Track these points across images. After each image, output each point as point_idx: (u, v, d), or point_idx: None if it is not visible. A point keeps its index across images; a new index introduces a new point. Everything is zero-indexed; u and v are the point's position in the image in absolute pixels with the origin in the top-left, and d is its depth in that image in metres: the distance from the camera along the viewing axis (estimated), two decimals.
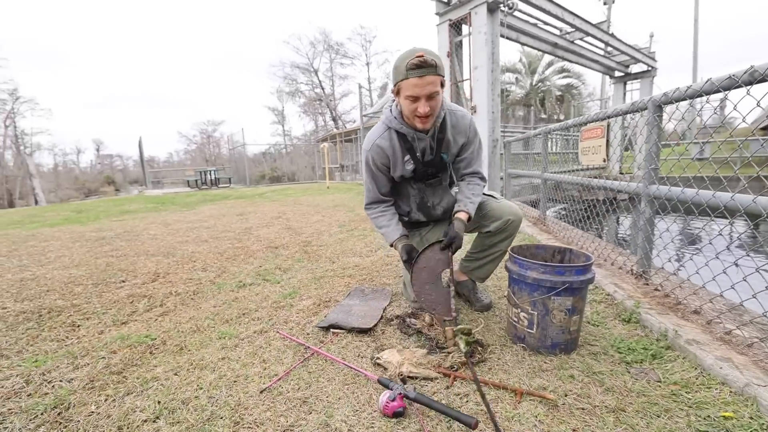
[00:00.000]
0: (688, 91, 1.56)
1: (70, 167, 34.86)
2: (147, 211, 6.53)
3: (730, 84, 1.35)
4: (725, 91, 1.40)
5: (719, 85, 1.39)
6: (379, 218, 1.73)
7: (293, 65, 29.00)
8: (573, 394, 1.14)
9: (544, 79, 21.20)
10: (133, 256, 3.02)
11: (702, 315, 1.54)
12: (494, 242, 1.72)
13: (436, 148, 1.61)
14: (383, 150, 1.59)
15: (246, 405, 1.13)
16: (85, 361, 1.42)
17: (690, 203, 1.59)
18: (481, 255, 1.79)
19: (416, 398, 1.06)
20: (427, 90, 1.35)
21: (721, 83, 1.38)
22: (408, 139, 1.57)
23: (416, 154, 1.60)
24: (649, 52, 9.92)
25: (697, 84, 1.51)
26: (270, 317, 1.79)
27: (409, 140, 1.57)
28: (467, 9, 5.19)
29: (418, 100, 1.38)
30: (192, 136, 39.65)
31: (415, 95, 1.37)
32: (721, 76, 1.40)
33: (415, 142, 1.57)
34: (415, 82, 1.34)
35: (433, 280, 1.55)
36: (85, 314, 1.89)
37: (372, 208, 1.75)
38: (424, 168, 1.65)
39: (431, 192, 1.72)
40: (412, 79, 1.34)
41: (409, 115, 1.46)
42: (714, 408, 1.04)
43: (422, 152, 1.60)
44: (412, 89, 1.36)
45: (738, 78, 1.31)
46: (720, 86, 1.39)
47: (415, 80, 1.34)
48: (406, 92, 1.38)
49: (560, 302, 1.32)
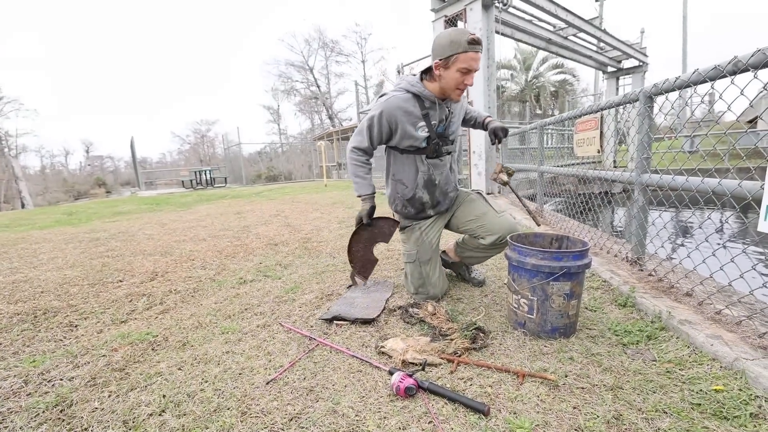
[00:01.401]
0: (677, 82, 1.60)
1: (58, 169, 34.21)
2: (141, 212, 6.47)
3: (715, 74, 1.40)
4: (711, 81, 1.43)
5: (706, 75, 1.43)
6: (359, 167, 1.77)
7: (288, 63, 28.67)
8: (573, 374, 1.17)
9: (539, 75, 21.27)
10: (130, 256, 3.00)
11: (694, 297, 1.58)
12: (487, 249, 1.81)
13: (448, 122, 1.71)
14: (403, 105, 1.61)
15: (252, 396, 1.14)
16: (85, 360, 1.41)
17: (680, 190, 1.62)
18: (474, 251, 1.89)
19: (429, 387, 1.08)
20: (479, 65, 1.54)
21: (707, 73, 1.43)
22: (426, 105, 1.63)
23: (431, 122, 1.65)
24: (640, 47, 10.03)
25: (685, 75, 1.55)
26: (273, 311, 1.79)
27: (427, 106, 1.63)
28: (462, 5, 5.21)
29: (469, 73, 1.52)
30: (185, 136, 39.16)
31: (469, 68, 1.50)
32: (707, 67, 1.44)
33: (433, 109, 1.64)
34: (473, 56, 1.49)
35: (369, 245, 1.96)
36: (82, 314, 1.88)
37: (357, 153, 1.75)
38: (437, 140, 1.69)
39: (438, 170, 1.75)
40: (471, 53, 1.48)
41: (452, 85, 1.55)
42: (706, 383, 1.08)
43: (438, 121, 1.67)
44: (470, 62, 1.49)
45: (723, 68, 1.35)
46: (706, 76, 1.43)
47: (473, 54, 1.49)
48: (462, 64, 1.50)
49: (559, 287, 1.35)
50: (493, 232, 1.72)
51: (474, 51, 1.48)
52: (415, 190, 1.75)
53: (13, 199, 18.35)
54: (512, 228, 1.72)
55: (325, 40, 27.84)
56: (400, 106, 1.60)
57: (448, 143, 1.75)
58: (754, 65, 1.20)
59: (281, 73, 29.34)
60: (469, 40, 1.46)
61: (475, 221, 1.79)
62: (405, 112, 1.61)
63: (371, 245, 1.97)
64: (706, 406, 1.00)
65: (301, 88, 29.61)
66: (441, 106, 1.65)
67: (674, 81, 1.59)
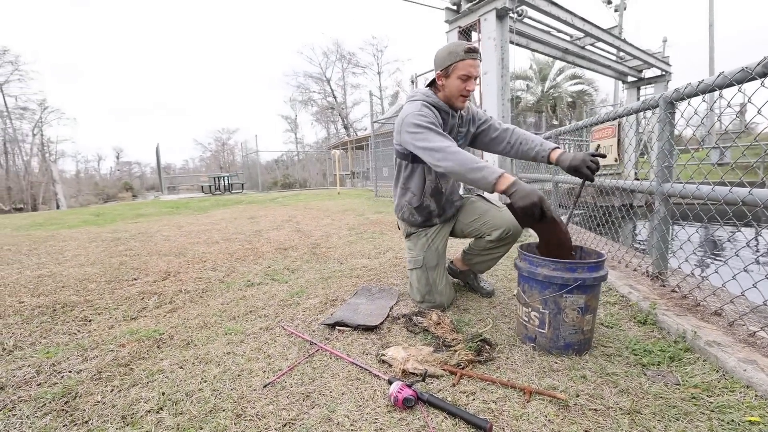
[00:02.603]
0: (700, 86, 1.51)
1: (91, 174, 36.04)
2: (161, 214, 6.67)
3: (743, 77, 1.30)
4: (738, 85, 1.34)
5: (732, 78, 1.34)
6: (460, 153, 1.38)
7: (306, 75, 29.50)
8: (585, 394, 1.10)
9: (556, 85, 21.01)
10: (146, 256, 3.07)
11: (723, 317, 1.47)
12: (493, 247, 1.77)
13: (456, 133, 1.72)
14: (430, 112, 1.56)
15: (249, 398, 1.12)
16: (94, 354, 1.44)
17: (706, 200, 1.53)
18: (481, 253, 1.84)
19: (429, 400, 1.04)
20: (477, 71, 1.58)
21: (734, 76, 1.33)
22: (442, 114, 1.65)
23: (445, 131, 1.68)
24: (662, 56, 9.73)
25: (709, 78, 1.47)
26: (276, 314, 1.78)
27: (442, 117, 1.65)
28: (476, 16, 5.22)
29: (469, 80, 1.56)
30: (207, 144, 40.60)
31: (468, 74, 1.55)
32: (733, 69, 1.35)
33: (448, 117, 1.67)
34: (471, 63, 1.55)
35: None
36: (96, 309, 1.92)
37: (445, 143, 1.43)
38: None
39: (446, 180, 1.76)
40: (468, 60, 1.54)
41: (455, 93, 1.60)
42: (738, 412, 0.99)
43: (450, 129, 1.69)
44: (467, 69, 1.55)
45: (751, 70, 1.26)
46: (733, 79, 1.34)
47: (470, 61, 1.55)
48: (461, 71, 1.55)
49: (573, 300, 1.28)
50: (498, 226, 1.69)
51: (471, 58, 1.54)
52: (422, 198, 1.76)
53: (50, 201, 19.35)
54: (515, 222, 1.65)
55: (342, 53, 28.56)
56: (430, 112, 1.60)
57: None
58: None
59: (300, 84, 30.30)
60: (466, 49, 1.53)
61: (478, 220, 1.77)
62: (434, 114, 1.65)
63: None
64: None
65: (319, 98, 30.34)
66: (454, 117, 1.69)
67: (697, 85, 1.51)
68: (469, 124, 1.77)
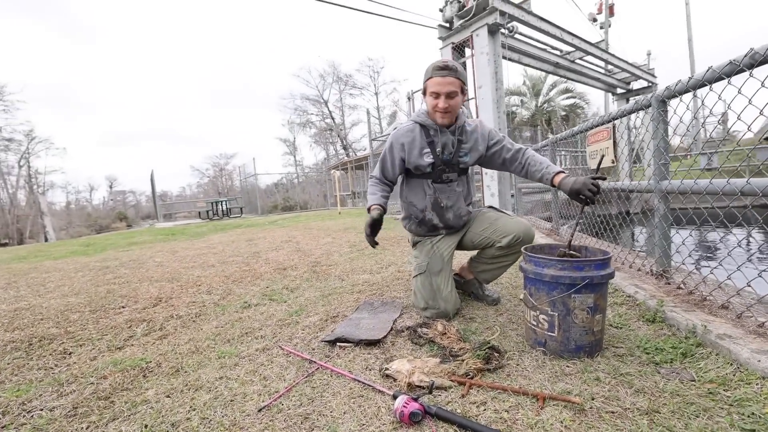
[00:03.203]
0: (690, 82, 1.53)
1: (82, 205, 35.39)
2: (155, 241, 6.56)
3: (731, 70, 1.32)
4: (727, 78, 1.35)
5: (721, 72, 1.36)
6: (372, 187, 1.84)
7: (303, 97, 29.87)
8: (600, 397, 1.03)
9: (549, 100, 21.56)
10: (136, 283, 2.98)
11: (731, 309, 1.43)
12: (503, 255, 1.76)
13: (456, 149, 1.70)
14: (406, 136, 1.72)
15: (242, 424, 1.04)
16: (71, 389, 1.33)
17: (704, 193, 1.51)
18: (489, 262, 1.82)
19: (437, 413, 0.97)
20: (447, 88, 1.57)
21: (723, 70, 1.36)
22: (430, 132, 1.69)
23: (436, 149, 1.70)
24: (648, 68, 10.08)
25: (698, 74, 1.48)
26: (274, 335, 1.70)
27: (431, 134, 1.69)
28: (469, 32, 5.36)
29: (440, 97, 1.58)
30: (205, 170, 40.48)
31: (437, 91, 1.58)
32: (721, 63, 1.37)
33: (436, 136, 1.69)
34: (438, 81, 1.57)
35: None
36: (78, 341, 1.82)
37: (372, 180, 1.86)
38: (442, 166, 1.73)
39: (446, 194, 1.77)
40: (436, 78, 1.58)
41: (431, 109, 1.65)
42: (757, 404, 0.94)
43: (442, 147, 1.69)
44: (435, 86, 1.58)
45: (739, 62, 1.28)
46: (722, 73, 1.36)
47: (438, 79, 1.57)
48: (431, 89, 1.60)
49: (581, 300, 1.23)
50: (508, 233, 1.68)
51: (440, 76, 1.56)
52: (424, 212, 1.80)
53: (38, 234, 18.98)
54: (527, 228, 1.67)
55: (339, 74, 29.00)
56: (405, 136, 1.72)
57: (455, 170, 1.74)
58: None
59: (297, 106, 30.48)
60: (435, 67, 1.58)
61: (488, 228, 1.76)
62: (411, 141, 1.71)
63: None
64: (762, 431, 0.85)
65: (317, 120, 30.59)
66: (444, 132, 1.68)
67: (687, 81, 1.52)
68: (476, 141, 1.73)
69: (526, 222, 1.74)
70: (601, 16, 13.37)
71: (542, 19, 5.85)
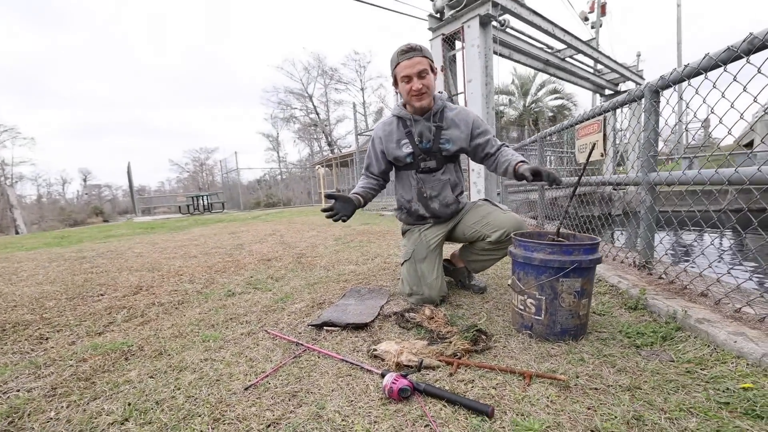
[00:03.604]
0: (685, 71, 1.51)
1: (55, 198, 33.87)
2: (134, 234, 6.36)
3: (728, 56, 1.31)
4: (723, 65, 1.35)
5: (717, 59, 1.34)
6: (359, 182, 1.88)
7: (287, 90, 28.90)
8: (585, 375, 1.06)
9: (537, 100, 21.82)
10: (115, 272, 2.88)
11: (709, 297, 1.48)
12: (493, 249, 1.74)
13: (435, 136, 1.68)
14: (383, 130, 1.76)
15: (228, 402, 1.01)
16: (49, 371, 1.28)
17: (692, 184, 1.55)
18: (479, 253, 1.82)
19: (425, 389, 0.97)
20: (417, 69, 1.55)
21: (720, 57, 1.33)
22: (407, 123, 1.70)
23: (414, 139, 1.69)
24: (637, 70, 10.24)
25: (694, 62, 1.47)
26: (259, 320, 1.68)
27: (408, 124, 1.69)
28: (460, 23, 5.30)
29: (412, 80, 1.56)
30: (184, 164, 39.38)
31: (407, 74, 1.56)
32: (718, 50, 1.35)
33: (412, 126, 1.68)
34: (406, 64, 1.56)
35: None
36: (55, 327, 1.74)
37: (360, 176, 1.93)
38: (423, 155, 1.71)
39: (430, 185, 1.76)
40: (403, 62, 1.56)
41: (406, 96, 1.62)
42: (732, 381, 0.98)
43: (420, 136, 1.68)
44: (405, 70, 1.56)
45: (737, 48, 1.27)
46: (719, 60, 1.34)
47: (406, 62, 1.56)
48: (401, 74, 1.58)
49: (569, 284, 1.26)
50: (499, 227, 1.66)
51: (407, 59, 1.55)
52: (410, 203, 1.81)
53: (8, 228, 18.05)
54: (519, 223, 1.66)
55: (324, 68, 28.47)
56: (384, 130, 1.76)
57: (436, 158, 1.71)
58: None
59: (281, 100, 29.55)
60: (399, 52, 1.57)
61: (480, 222, 1.75)
62: (388, 134, 1.74)
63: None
64: (736, 404, 0.89)
65: (301, 115, 30.05)
66: (419, 122, 1.68)
67: (683, 70, 1.52)
68: (457, 127, 1.67)
69: (518, 217, 1.71)
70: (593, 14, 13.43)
71: (535, 13, 5.85)
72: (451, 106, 1.73)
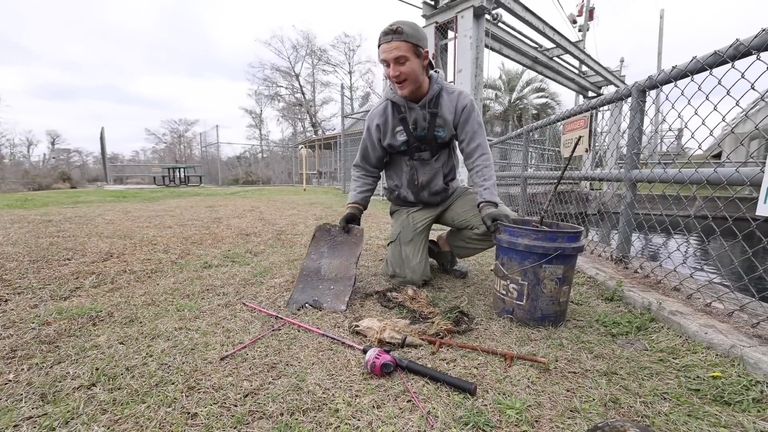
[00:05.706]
0: (673, 72, 1.56)
1: (18, 160, 31.79)
2: (105, 202, 6.07)
3: (714, 60, 1.36)
4: (710, 69, 1.40)
5: (704, 62, 1.40)
6: (354, 182, 1.82)
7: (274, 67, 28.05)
8: (564, 359, 1.08)
9: (522, 97, 22.08)
10: (84, 238, 2.73)
11: (682, 291, 1.54)
12: (479, 240, 1.71)
13: (430, 123, 1.61)
14: (380, 117, 1.65)
15: (204, 371, 0.98)
16: (8, 333, 1.20)
17: (672, 182, 1.59)
18: (466, 241, 1.80)
19: (408, 366, 0.96)
20: (392, 54, 1.41)
21: (706, 60, 1.39)
22: (401, 109, 1.61)
23: (409, 127, 1.62)
24: (620, 75, 10.53)
25: (681, 64, 1.53)
26: (237, 292, 1.63)
27: (402, 111, 1.60)
28: (453, 12, 5.25)
29: (389, 65, 1.44)
30: (162, 135, 37.62)
31: (384, 59, 1.44)
32: (705, 54, 1.40)
33: (406, 112, 1.60)
34: (384, 48, 1.43)
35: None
36: (16, 289, 1.64)
37: (354, 169, 1.83)
38: (417, 143, 1.66)
39: (422, 171, 1.72)
40: (382, 45, 1.43)
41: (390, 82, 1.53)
42: (702, 369, 1.02)
43: (414, 124, 1.61)
44: (382, 54, 1.44)
45: (723, 53, 1.32)
46: (705, 63, 1.40)
47: (384, 46, 1.43)
48: (381, 57, 1.46)
49: (552, 270, 1.27)
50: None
51: (385, 42, 1.40)
52: (399, 188, 1.79)
53: None
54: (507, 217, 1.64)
55: (313, 48, 27.68)
56: (379, 117, 1.66)
57: (431, 146, 1.66)
58: (757, 47, 1.18)
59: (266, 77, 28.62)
60: (381, 33, 1.44)
61: (469, 211, 1.72)
62: (384, 122, 1.65)
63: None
64: (706, 391, 0.93)
65: (286, 94, 29.24)
66: (414, 109, 1.57)
67: (670, 71, 1.57)
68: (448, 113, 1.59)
69: (507, 210, 1.69)
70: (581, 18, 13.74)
71: (527, 10, 5.88)
72: (449, 88, 1.61)
